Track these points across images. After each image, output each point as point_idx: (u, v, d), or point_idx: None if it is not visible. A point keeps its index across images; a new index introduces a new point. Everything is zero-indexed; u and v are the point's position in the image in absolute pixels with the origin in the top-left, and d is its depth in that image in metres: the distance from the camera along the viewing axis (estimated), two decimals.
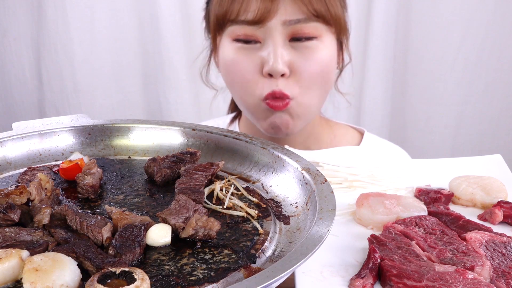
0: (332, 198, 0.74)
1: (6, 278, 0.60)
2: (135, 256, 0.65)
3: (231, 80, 1.24)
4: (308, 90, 1.19)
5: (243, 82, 1.20)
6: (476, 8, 2.10)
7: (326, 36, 1.18)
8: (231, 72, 1.22)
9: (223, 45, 1.22)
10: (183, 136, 0.99)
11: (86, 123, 1.00)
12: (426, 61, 2.19)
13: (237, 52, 1.19)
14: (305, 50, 1.16)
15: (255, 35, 1.16)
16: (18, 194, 0.73)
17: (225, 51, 1.21)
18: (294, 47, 1.16)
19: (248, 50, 1.18)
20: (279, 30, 1.14)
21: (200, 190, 0.80)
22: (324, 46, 1.18)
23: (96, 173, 0.83)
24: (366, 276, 0.73)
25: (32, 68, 2.19)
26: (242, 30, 1.16)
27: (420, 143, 2.27)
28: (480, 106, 2.22)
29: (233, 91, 1.26)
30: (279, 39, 1.14)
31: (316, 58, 1.17)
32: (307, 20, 1.14)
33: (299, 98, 1.18)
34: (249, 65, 1.18)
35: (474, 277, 0.71)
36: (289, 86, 1.17)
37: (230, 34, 1.19)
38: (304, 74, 1.17)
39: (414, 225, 0.85)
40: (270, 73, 1.15)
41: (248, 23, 1.15)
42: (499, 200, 0.92)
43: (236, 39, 1.18)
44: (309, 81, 1.18)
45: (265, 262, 0.69)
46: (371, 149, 1.28)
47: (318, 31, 1.16)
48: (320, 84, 1.20)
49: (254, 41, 1.17)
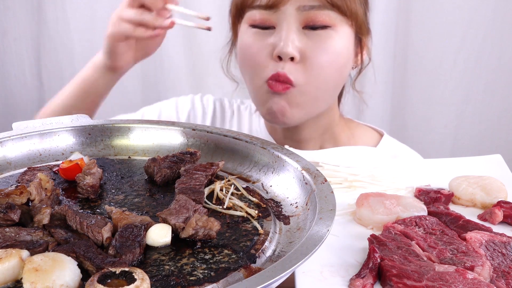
0: (332, 198, 0.74)
1: (6, 278, 0.60)
2: (135, 256, 0.65)
3: (243, 64, 1.26)
4: (315, 80, 1.18)
5: (253, 65, 1.21)
6: (476, 8, 2.10)
7: (341, 27, 1.18)
8: (244, 56, 1.24)
9: (241, 32, 1.24)
10: (183, 136, 0.99)
11: (86, 123, 1.00)
12: (426, 61, 2.19)
13: (252, 37, 1.21)
14: (318, 38, 1.16)
15: (270, 20, 1.18)
16: (18, 194, 0.73)
17: (242, 37, 1.24)
18: (307, 35, 1.16)
19: (263, 35, 1.19)
20: (293, 15, 1.15)
21: (200, 190, 0.80)
22: (338, 37, 1.18)
23: (96, 173, 0.83)
24: (366, 276, 0.73)
25: (32, 68, 2.19)
26: (258, 15, 1.19)
27: (420, 143, 2.27)
28: (480, 106, 2.22)
29: (245, 75, 1.27)
30: (293, 25, 1.15)
31: (329, 47, 1.17)
32: (321, 7, 1.15)
33: (304, 87, 1.18)
34: (260, 48, 1.19)
35: (474, 277, 0.71)
36: (296, 72, 1.16)
37: (247, 19, 1.22)
38: (314, 62, 1.16)
39: (414, 225, 0.85)
40: (280, 55, 1.15)
41: (263, 8, 1.17)
42: (499, 200, 0.92)
43: (252, 24, 1.20)
44: (318, 70, 1.17)
45: (265, 262, 0.69)
46: (371, 150, 1.27)
47: (332, 20, 1.16)
48: (330, 76, 1.20)
49: (270, 27, 1.18)
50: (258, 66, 1.20)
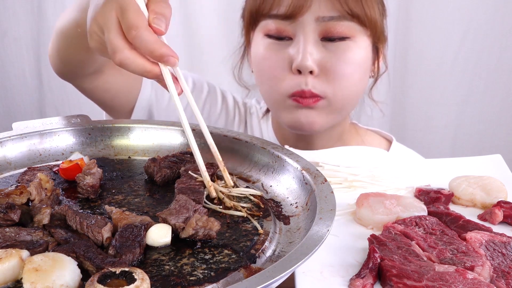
0: (332, 198, 0.74)
1: (6, 278, 0.60)
2: (135, 256, 0.65)
3: (260, 76, 1.22)
4: (340, 92, 1.16)
5: (271, 77, 1.18)
6: (476, 8, 2.10)
7: (360, 38, 1.16)
8: (261, 68, 1.21)
9: (256, 41, 1.21)
10: (183, 136, 0.99)
11: (86, 123, 1.00)
12: (426, 61, 2.18)
13: (268, 48, 1.17)
14: (338, 50, 1.14)
15: (286, 31, 1.14)
16: (18, 194, 0.73)
17: (257, 47, 1.21)
18: (326, 47, 1.14)
19: (279, 46, 1.16)
20: (312, 26, 1.12)
21: (200, 190, 0.80)
22: (358, 48, 1.15)
23: (96, 173, 0.83)
24: (366, 276, 0.73)
25: (32, 68, 2.19)
26: (274, 25, 1.15)
27: (420, 143, 2.27)
28: (480, 106, 2.22)
29: (262, 87, 1.24)
30: (311, 36, 1.12)
31: (349, 58, 1.15)
32: (341, 18, 1.12)
33: (331, 98, 1.16)
34: (278, 61, 1.16)
35: (474, 277, 0.71)
36: (319, 85, 1.14)
37: (262, 29, 1.18)
38: (336, 74, 1.14)
39: (414, 225, 0.85)
40: (299, 69, 1.13)
41: (280, 18, 1.14)
42: (499, 200, 0.92)
43: (268, 34, 1.17)
44: (342, 81, 1.15)
45: (265, 262, 0.69)
46: (371, 150, 1.27)
47: (351, 31, 1.14)
48: (353, 86, 1.18)
49: (286, 38, 1.15)
50: (276, 79, 1.17)
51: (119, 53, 0.76)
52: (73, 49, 1.11)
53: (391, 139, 1.41)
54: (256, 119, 1.43)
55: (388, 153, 1.32)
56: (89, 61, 1.14)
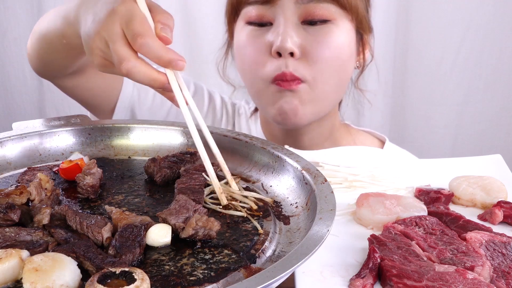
0: (332, 198, 0.74)
1: (6, 278, 0.60)
2: (135, 256, 0.65)
3: (242, 64, 1.22)
4: (321, 76, 1.15)
5: (252, 64, 1.18)
6: (476, 8, 2.10)
7: (342, 21, 1.15)
8: (242, 56, 1.20)
9: (237, 31, 1.21)
10: (183, 136, 0.99)
11: (86, 123, 1.00)
12: (426, 61, 2.18)
13: (249, 35, 1.17)
14: (319, 33, 1.13)
15: (267, 16, 1.14)
16: (18, 194, 0.73)
17: (238, 36, 1.21)
18: (307, 31, 1.14)
19: (260, 32, 1.16)
20: (291, 9, 1.12)
21: (200, 190, 0.80)
22: (339, 31, 1.15)
23: (96, 173, 0.83)
24: (366, 276, 0.73)
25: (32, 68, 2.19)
26: (254, 11, 1.15)
27: (420, 143, 2.27)
28: (480, 106, 2.22)
29: (245, 77, 1.24)
30: (290, 19, 1.12)
31: (331, 41, 1.14)
32: (320, 0, 1.12)
33: (312, 83, 1.15)
34: (258, 46, 1.16)
35: (474, 277, 0.71)
36: (301, 68, 1.13)
37: (243, 17, 1.18)
38: (317, 57, 1.13)
39: (414, 225, 0.85)
40: (278, 51, 1.12)
41: (259, 2, 1.14)
42: (499, 200, 0.92)
43: (248, 21, 1.17)
44: (323, 65, 1.14)
45: (265, 262, 0.69)
46: (371, 150, 1.27)
47: (332, 14, 1.13)
48: (335, 71, 1.17)
49: (267, 23, 1.15)
50: (257, 65, 1.16)
51: (126, 62, 0.76)
52: (56, 55, 1.11)
53: (384, 140, 1.40)
54: (244, 120, 1.43)
55: (387, 152, 1.32)
56: (71, 64, 1.14)
